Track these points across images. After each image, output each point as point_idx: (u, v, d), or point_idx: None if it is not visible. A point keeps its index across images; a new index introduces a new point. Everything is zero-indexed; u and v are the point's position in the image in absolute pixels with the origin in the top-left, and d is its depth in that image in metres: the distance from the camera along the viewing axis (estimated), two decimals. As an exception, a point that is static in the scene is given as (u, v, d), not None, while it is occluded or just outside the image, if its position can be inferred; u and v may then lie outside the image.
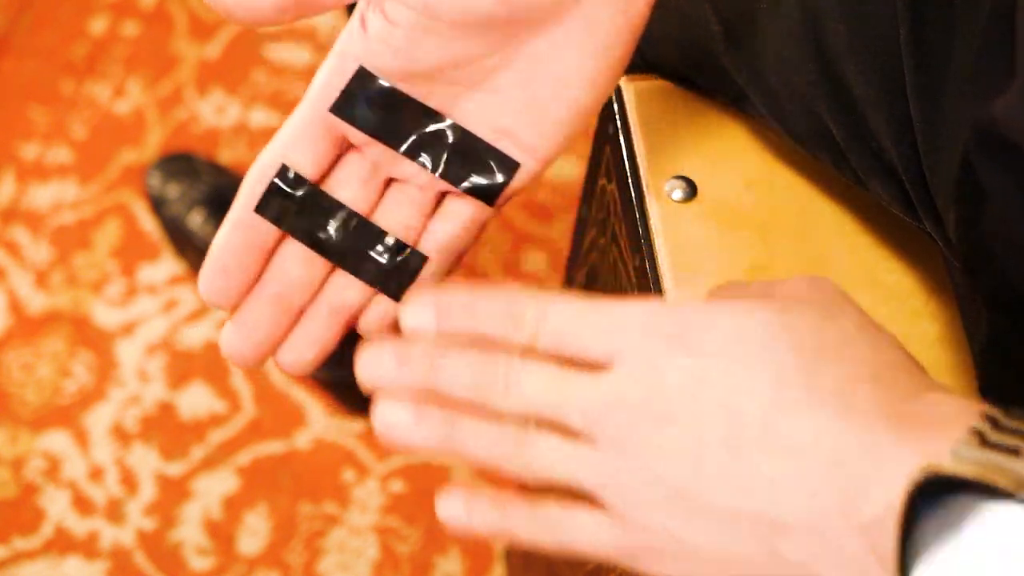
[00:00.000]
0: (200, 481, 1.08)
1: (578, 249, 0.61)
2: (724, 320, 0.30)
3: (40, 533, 1.05)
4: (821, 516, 0.28)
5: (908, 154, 0.41)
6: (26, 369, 1.12)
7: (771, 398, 0.29)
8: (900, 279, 0.47)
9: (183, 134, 1.26)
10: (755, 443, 0.28)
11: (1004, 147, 0.31)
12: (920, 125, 0.40)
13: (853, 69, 0.42)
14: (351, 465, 1.09)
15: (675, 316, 0.30)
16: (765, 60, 0.45)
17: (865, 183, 0.44)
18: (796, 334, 0.29)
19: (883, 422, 0.28)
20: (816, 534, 0.28)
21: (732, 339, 0.29)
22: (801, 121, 0.45)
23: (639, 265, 0.47)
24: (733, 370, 0.29)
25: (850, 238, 0.48)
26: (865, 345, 0.30)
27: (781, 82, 0.45)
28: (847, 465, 0.28)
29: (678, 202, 0.47)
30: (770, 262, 0.46)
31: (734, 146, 0.49)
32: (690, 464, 0.29)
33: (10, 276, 1.17)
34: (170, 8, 1.34)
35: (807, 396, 0.28)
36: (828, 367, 0.29)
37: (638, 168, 0.48)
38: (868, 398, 0.28)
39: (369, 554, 1.05)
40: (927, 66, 0.40)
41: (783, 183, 0.49)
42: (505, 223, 1.21)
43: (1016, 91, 0.31)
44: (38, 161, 1.23)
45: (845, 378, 0.29)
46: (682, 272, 0.45)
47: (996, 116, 0.31)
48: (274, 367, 1.14)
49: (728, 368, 0.29)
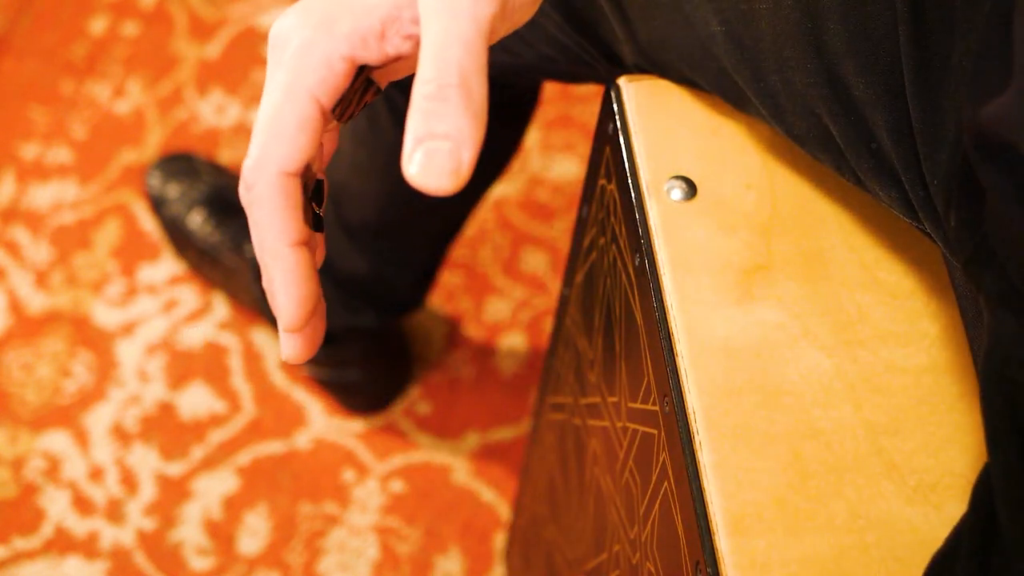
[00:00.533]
0: (200, 481, 1.07)
1: (578, 249, 0.61)
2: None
3: (40, 533, 1.05)
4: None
5: (908, 155, 0.41)
6: (26, 369, 1.12)
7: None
8: (900, 279, 0.47)
9: (183, 134, 1.26)
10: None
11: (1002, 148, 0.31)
12: (920, 126, 0.40)
13: (853, 69, 0.42)
14: (351, 465, 1.09)
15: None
16: (765, 60, 0.45)
17: (865, 184, 0.44)
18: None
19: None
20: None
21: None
22: (801, 121, 0.45)
23: (639, 264, 0.47)
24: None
25: (850, 238, 0.48)
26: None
27: (781, 82, 0.45)
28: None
29: (678, 202, 0.47)
30: (770, 262, 0.46)
31: (734, 146, 0.49)
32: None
33: (10, 276, 1.16)
34: (170, 8, 1.34)
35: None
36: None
37: (638, 168, 0.48)
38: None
39: (369, 554, 1.05)
40: (927, 67, 0.40)
41: (783, 183, 0.49)
42: (505, 223, 1.21)
43: (1013, 92, 0.31)
44: (38, 161, 1.23)
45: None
46: (682, 272, 0.45)
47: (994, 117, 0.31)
48: (274, 367, 1.14)
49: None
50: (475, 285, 1.18)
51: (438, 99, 0.34)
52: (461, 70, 0.34)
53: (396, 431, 1.11)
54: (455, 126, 0.34)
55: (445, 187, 0.33)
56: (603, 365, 0.56)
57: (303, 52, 0.36)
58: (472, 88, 0.34)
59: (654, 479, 0.46)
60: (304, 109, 0.36)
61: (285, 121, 0.36)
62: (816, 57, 0.43)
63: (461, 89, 0.34)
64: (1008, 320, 0.33)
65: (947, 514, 0.42)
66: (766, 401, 0.43)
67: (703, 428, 0.42)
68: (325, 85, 0.36)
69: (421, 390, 1.14)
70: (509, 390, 1.13)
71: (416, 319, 1.16)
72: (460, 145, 0.34)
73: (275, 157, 0.36)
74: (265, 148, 0.36)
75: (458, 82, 0.34)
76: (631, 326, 0.50)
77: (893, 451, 0.43)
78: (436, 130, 0.34)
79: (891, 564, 0.40)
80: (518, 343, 1.16)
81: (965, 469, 0.43)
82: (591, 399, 0.59)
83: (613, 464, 0.54)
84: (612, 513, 0.55)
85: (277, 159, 0.36)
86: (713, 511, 0.41)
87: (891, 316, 0.46)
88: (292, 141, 0.36)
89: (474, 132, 0.34)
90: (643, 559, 0.49)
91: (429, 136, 0.33)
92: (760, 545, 0.40)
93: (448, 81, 0.34)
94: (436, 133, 0.34)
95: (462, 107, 0.34)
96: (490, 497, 1.08)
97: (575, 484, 0.65)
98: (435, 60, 0.34)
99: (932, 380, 0.45)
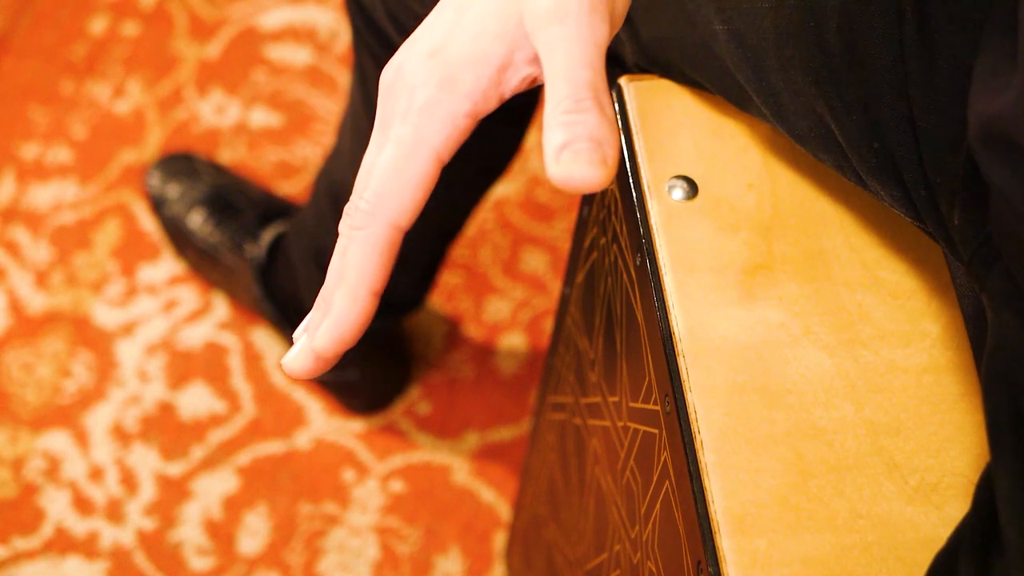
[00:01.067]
0: (200, 481, 1.07)
1: (579, 248, 0.61)
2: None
3: (40, 533, 1.05)
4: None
5: (910, 154, 0.41)
6: (26, 369, 1.12)
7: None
8: (901, 279, 0.47)
9: (183, 134, 1.26)
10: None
11: (1007, 146, 0.31)
12: (923, 124, 0.40)
13: (855, 68, 0.42)
14: (351, 465, 1.09)
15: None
16: (767, 59, 0.45)
17: (867, 183, 0.44)
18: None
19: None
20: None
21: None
22: (803, 120, 0.45)
23: (639, 264, 0.47)
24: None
25: (851, 238, 0.48)
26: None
27: (783, 81, 0.45)
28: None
29: (679, 201, 0.47)
30: (771, 262, 0.46)
31: (734, 146, 0.49)
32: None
33: (10, 276, 1.16)
34: (170, 8, 1.34)
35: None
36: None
37: (638, 167, 0.48)
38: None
39: (369, 554, 1.05)
40: (930, 65, 0.40)
41: (783, 183, 0.49)
42: (505, 223, 1.21)
43: (1018, 89, 0.31)
44: (38, 161, 1.23)
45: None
46: (683, 271, 0.45)
47: (998, 114, 0.31)
48: (274, 367, 1.14)
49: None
50: (475, 285, 1.18)
51: (576, 111, 0.36)
52: (592, 87, 0.36)
53: (396, 431, 1.11)
54: (596, 130, 0.35)
55: (593, 177, 0.35)
56: (604, 365, 0.56)
57: (428, 112, 0.37)
58: (603, 102, 0.36)
59: (655, 478, 0.46)
60: (427, 167, 0.38)
61: (407, 178, 0.37)
62: (818, 56, 0.43)
63: (595, 102, 0.36)
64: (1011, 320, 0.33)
65: (948, 514, 0.42)
66: (767, 401, 0.43)
67: (704, 427, 0.42)
68: (449, 142, 0.38)
69: (421, 390, 1.14)
70: (509, 390, 1.13)
71: (416, 319, 1.16)
72: (602, 144, 0.35)
73: (391, 209, 0.38)
74: (382, 199, 0.38)
75: (591, 96, 0.36)
76: (632, 326, 0.50)
77: (894, 451, 0.43)
78: (578, 133, 0.35)
79: (892, 564, 0.40)
80: (518, 343, 1.16)
81: (966, 469, 0.43)
82: (592, 399, 0.59)
83: (614, 464, 0.54)
84: (613, 513, 0.55)
85: (393, 211, 0.38)
86: (714, 510, 0.41)
87: (892, 316, 0.46)
88: (411, 197, 0.38)
89: (612, 136, 0.36)
90: (644, 558, 0.48)
91: (573, 140, 0.35)
92: (761, 544, 0.40)
93: (582, 96, 0.36)
94: (579, 136, 0.35)
95: (598, 115, 0.36)
96: (490, 497, 1.08)
97: (576, 484, 0.65)
98: (567, 82, 0.36)
99: (933, 380, 0.45)
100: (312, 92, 1.29)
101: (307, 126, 1.27)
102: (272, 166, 1.24)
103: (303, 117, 1.27)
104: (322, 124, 1.27)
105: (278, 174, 1.24)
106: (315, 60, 1.31)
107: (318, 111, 1.28)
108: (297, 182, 1.23)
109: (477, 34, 0.37)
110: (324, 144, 1.26)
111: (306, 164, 1.24)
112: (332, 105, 1.28)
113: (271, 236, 1.04)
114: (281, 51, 1.32)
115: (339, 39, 1.33)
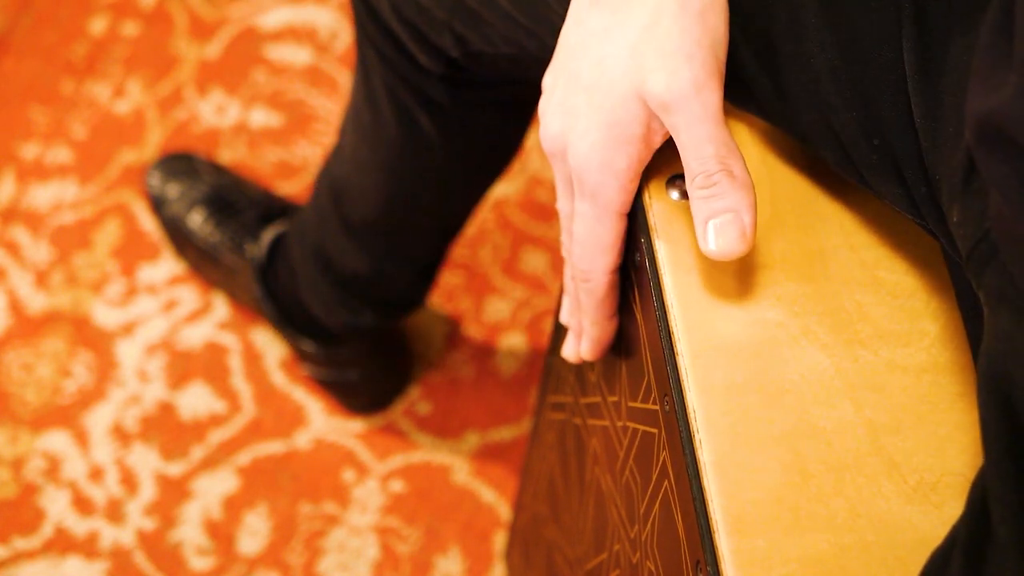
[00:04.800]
0: (200, 481, 1.07)
1: (578, 248, 0.61)
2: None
3: (40, 533, 1.05)
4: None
5: (910, 150, 0.41)
6: (26, 369, 1.12)
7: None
8: (901, 278, 0.47)
9: (183, 134, 1.26)
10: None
11: (1005, 142, 0.31)
12: (922, 121, 0.40)
13: (855, 65, 0.42)
14: (351, 465, 1.09)
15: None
16: (768, 58, 0.45)
17: (867, 180, 0.44)
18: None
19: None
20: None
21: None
22: (803, 117, 0.45)
23: (639, 263, 0.47)
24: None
25: (851, 237, 0.48)
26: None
27: (785, 79, 0.45)
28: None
29: (678, 201, 0.47)
30: (770, 261, 0.46)
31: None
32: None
33: (10, 276, 1.17)
34: (170, 8, 1.34)
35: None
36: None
37: (638, 167, 0.48)
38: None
39: (369, 554, 1.05)
40: (930, 62, 0.40)
41: (783, 182, 0.49)
42: (505, 223, 1.21)
43: (1016, 86, 0.31)
44: (38, 161, 1.23)
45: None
46: (682, 271, 0.45)
47: (996, 111, 0.31)
48: (274, 367, 1.14)
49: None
50: (475, 285, 1.18)
51: (708, 186, 0.42)
52: (719, 159, 0.42)
53: (396, 431, 1.11)
54: (730, 201, 0.42)
55: (739, 250, 0.42)
56: (603, 364, 0.56)
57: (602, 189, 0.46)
58: (732, 168, 0.42)
59: (654, 478, 0.46)
60: (617, 227, 0.47)
61: (606, 240, 0.47)
62: (819, 53, 0.43)
63: (724, 173, 0.42)
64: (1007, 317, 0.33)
65: (947, 513, 0.41)
66: (766, 400, 0.43)
67: (703, 427, 0.42)
68: (628, 203, 0.46)
69: (421, 390, 1.14)
70: (509, 390, 1.13)
71: (416, 319, 1.16)
72: (739, 212, 0.42)
73: (603, 263, 0.48)
74: (594, 259, 0.47)
75: (719, 168, 0.42)
76: (631, 325, 0.50)
77: (893, 450, 0.43)
78: (716, 207, 0.42)
79: (891, 563, 0.40)
80: (518, 343, 1.16)
81: (965, 468, 0.43)
82: (591, 398, 0.59)
83: (613, 463, 0.54)
84: (612, 512, 0.55)
85: (605, 265, 0.48)
86: (713, 510, 0.41)
87: (891, 315, 0.46)
88: (614, 251, 0.47)
89: (747, 200, 0.42)
90: (643, 558, 0.48)
91: (712, 214, 0.42)
92: (760, 544, 0.40)
93: (712, 170, 0.42)
94: (717, 210, 0.42)
95: (729, 185, 0.42)
96: (490, 497, 1.08)
97: (575, 483, 0.65)
98: (696, 159, 0.42)
99: (932, 379, 0.45)
100: (312, 92, 1.29)
101: (307, 126, 1.27)
102: (272, 166, 1.24)
103: (303, 117, 1.27)
104: (322, 124, 1.27)
105: (278, 174, 1.24)
106: (315, 60, 1.31)
107: (318, 111, 1.28)
108: (297, 182, 1.23)
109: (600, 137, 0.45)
110: (324, 144, 1.26)
111: (306, 164, 1.24)
112: (332, 105, 1.28)
113: (271, 236, 1.04)
114: (281, 51, 1.32)
115: (339, 39, 1.33)
